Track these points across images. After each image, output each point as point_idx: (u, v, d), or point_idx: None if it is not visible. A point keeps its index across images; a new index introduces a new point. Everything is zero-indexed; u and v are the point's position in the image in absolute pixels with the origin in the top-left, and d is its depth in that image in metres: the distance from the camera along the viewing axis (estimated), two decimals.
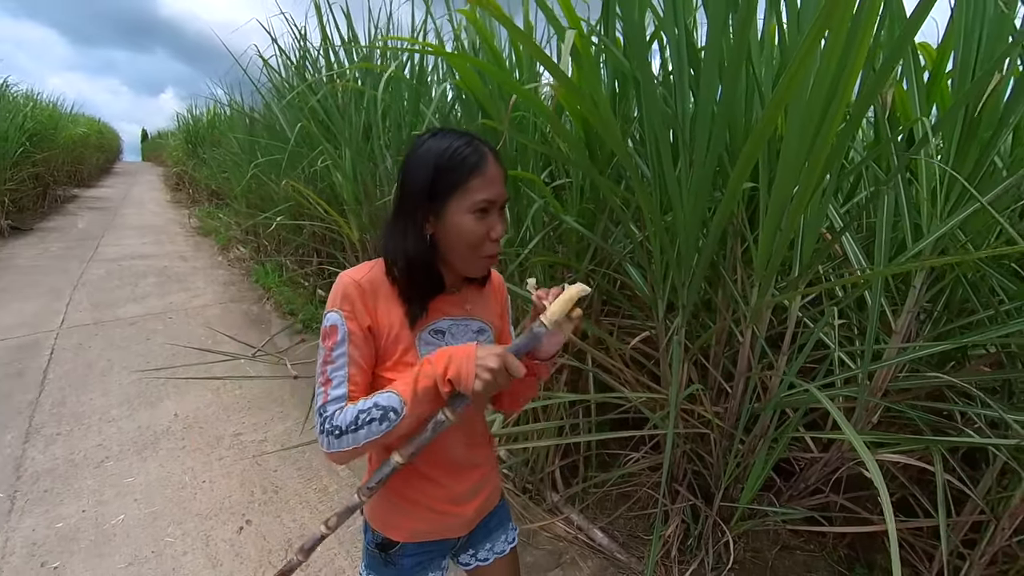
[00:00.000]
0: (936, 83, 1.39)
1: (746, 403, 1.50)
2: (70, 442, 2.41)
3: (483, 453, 0.93)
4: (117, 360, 3.26)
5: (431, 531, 0.88)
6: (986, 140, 1.25)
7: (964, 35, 1.21)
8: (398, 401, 0.71)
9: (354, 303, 0.75)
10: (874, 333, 1.23)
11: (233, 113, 5.58)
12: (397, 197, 0.78)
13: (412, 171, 0.74)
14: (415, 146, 0.76)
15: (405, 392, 0.72)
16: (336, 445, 0.72)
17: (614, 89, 1.67)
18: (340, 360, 0.74)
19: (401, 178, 0.76)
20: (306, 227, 3.77)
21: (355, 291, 0.75)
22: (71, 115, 12.03)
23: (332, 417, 0.73)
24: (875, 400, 1.41)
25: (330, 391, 0.74)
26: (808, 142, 1.01)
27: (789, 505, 1.68)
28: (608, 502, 2.04)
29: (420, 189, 0.73)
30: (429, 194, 0.73)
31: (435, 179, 0.72)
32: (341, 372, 0.74)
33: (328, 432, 0.72)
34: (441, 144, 0.73)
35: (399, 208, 0.77)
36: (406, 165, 0.76)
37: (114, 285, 4.87)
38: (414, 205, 0.75)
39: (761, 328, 1.41)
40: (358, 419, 0.71)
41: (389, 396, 0.72)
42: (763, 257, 1.24)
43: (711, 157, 1.15)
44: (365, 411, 0.71)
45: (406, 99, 2.48)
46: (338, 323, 0.75)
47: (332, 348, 0.74)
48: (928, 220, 1.28)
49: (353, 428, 0.71)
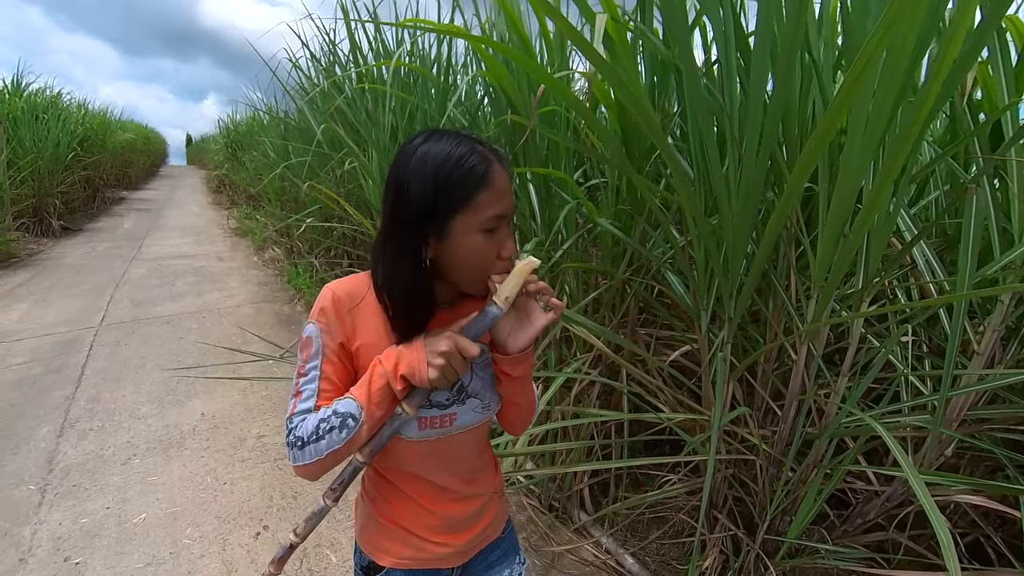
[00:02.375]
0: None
1: (798, 428, 1.34)
2: (101, 438, 2.45)
3: (483, 484, 0.85)
4: (151, 358, 3.33)
5: (419, 559, 0.81)
6: None
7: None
8: (355, 406, 0.67)
9: (329, 317, 0.71)
10: (955, 351, 1.06)
11: (268, 117, 5.69)
12: (388, 215, 0.66)
13: (406, 186, 0.63)
14: (405, 154, 0.65)
15: (360, 396, 0.68)
16: (300, 457, 0.69)
17: (652, 82, 1.55)
18: (312, 373, 0.71)
19: (392, 193, 0.65)
20: (336, 229, 3.77)
21: (331, 304, 0.71)
22: (120, 121, 12.65)
23: (296, 428, 0.69)
24: (950, 432, 1.24)
25: (298, 404, 0.70)
26: (876, 141, 0.87)
27: (842, 542, 1.51)
28: (640, 525, 1.90)
29: (419, 209, 0.63)
30: (430, 214, 0.63)
31: (436, 196, 0.62)
32: (311, 386, 0.71)
33: (292, 444, 0.69)
34: (439, 152, 0.62)
35: (392, 229, 0.66)
36: (397, 177, 0.64)
37: (153, 284, 5.02)
38: (411, 227, 0.64)
39: (818, 345, 1.26)
40: (319, 428, 0.67)
41: (347, 402, 0.68)
42: (822, 267, 1.09)
43: (763, 153, 1.02)
44: (325, 420, 0.67)
45: (433, 97, 2.42)
46: (313, 335, 0.71)
47: (306, 360, 0.71)
48: (1020, 224, 1.11)
49: (314, 438, 0.67)
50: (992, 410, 1.28)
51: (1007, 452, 1.25)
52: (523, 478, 2.00)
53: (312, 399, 0.70)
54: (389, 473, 0.80)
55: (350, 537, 1.88)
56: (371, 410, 0.67)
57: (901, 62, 0.82)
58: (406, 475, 0.79)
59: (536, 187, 1.83)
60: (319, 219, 3.81)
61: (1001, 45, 1.16)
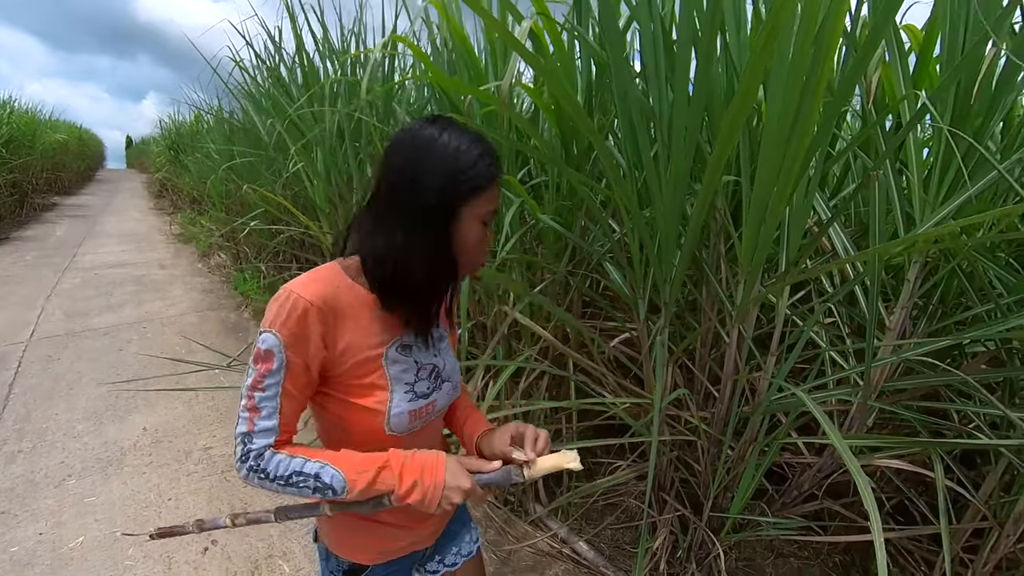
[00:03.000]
0: (924, 67, 1.33)
1: (734, 407, 1.41)
2: (32, 459, 2.29)
3: None
4: (87, 372, 3.14)
5: (400, 547, 0.83)
6: (977, 127, 1.18)
7: (951, 15, 1.14)
8: (341, 485, 0.66)
9: (294, 331, 0.64)
10: (874, 327, 1.15)
11: (211, 118, 5.46)
12: (402, 198, 0.65)
13: (424, 172, 0.63)
14: (417, 140, 0.65)
15: (354, 481, 0.66)
16: (257, 484, 0.66)
17: (590, 81, 1.59)
18: (272, 390, 0.65)
19: (405, 178, 0.65)
20: (282, 232, 3.67)
21: (300, 318, 0.64)
22: (50, 121, 11.80)
23: (262, 457, 0.66)
24: (872, 403, 1.33)
25: (257, 421, 0.66)
26: (789, 124, 0.93)
27: (782, 514, 1.60)
28: (594, 513, 1.95)
29: (437, 194, 0.64)
30: (448, 200, 0.65)
31: (457, 184, 0.64)
32: (272, 403, 0.66)
33: (253, 470, 0.66)
34: (457, 144, 0.64)
35: (409, 212, 0.65)
36: (411, 163, 0.64)
37: (89, 294, 4.72)
38: (434, 210, 0.65)
39: (748, 328, 1.33)
40: (291, 479, 0.66)
41: (333, 475, 0.66)
42: (747, 251, 1.16)
43: (688, 142, 1.07)
44: (303, 476, 0.66)
45: (379, 106, 2.39)
46: (275, 350, 0.64)
47: (265, 375, 0.65)
48: (921, 208, 1.20)
49: (282, 483, 0.66)
50: (906, 381, 1.38)
51: (920, 416, 1.36)
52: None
53: (273, 417, 0.66)
54: None
55: (303, 546, 1.84)
56: (353, 495, 0.67)
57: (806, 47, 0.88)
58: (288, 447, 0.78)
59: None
60: (265, 222, 3.70)
61: (899, 48, 1.26)
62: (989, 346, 1.37)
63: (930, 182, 1.19)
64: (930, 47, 1.29)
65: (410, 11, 2.41)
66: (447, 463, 0.70)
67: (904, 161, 1.29)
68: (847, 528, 1.63)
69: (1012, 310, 1.18)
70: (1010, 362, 1.30)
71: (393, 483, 0.67)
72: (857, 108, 1.68)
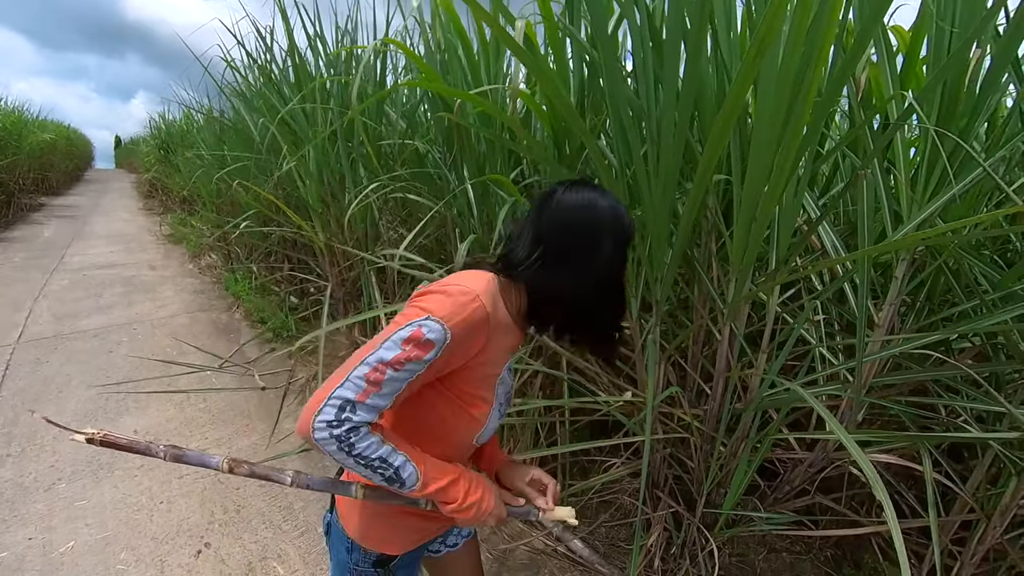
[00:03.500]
0: (911, 67, 1.34)
1: (727, 404, 1.43)
2: (20, 463, 2.26)
3: None
4: (76, 375, 3.10)
5: (425, 535, 0.89)
6: (963, 127, 1.20)
7: (937, 14, 1.16)
8: (413, 483, 0.70)
9: (463, 336, 0.67)
10: (864, 322, 1.16)
11: (202, 117, 5.42)
12: (581, 255, 0.73)
13: (606, 228, 0.73)
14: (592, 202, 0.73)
15: (425, 484, 0.70)
16: (331, 450, 0.64)
17: (582, 81, 1.60)
18: (405, 376, 0.65)
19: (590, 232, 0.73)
20: (275, 232, 3.65)
21: (484, 330, 0.69)
22: (37, 120, 11.62)
23: (357, 432, 0.64)
24: (861, 398, 1.35)
25: (372, 397, 0.64)
26: (780, 124, 0.94)
27: (774, 509, 1.62)
28: (588, 510, 1.95)
29: (620, 246, 0.75)
30: (617, 262, 0.75)
31: (629, 236, 0.76)
32: (396, 386, 0.65)
33: (340, 439, 0.63)
34: (613, 209, 0.74)
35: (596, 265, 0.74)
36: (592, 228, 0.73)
37: (78, 296, 4.66)
38: (618, 261, 0.75)
39: (740, 325, 1.35)
40: (374, 462, 0.66)
41: (412, 472, 0.69)
42: (738, 249, 1.17)
43: (677, 142, 1.07)
44: (386, 465, 0.67)
45: (371, 106, 2.39)
46: (437, 344, 0.64)
47: (409, 359, 0.64)
48: (908, 206, 1.22)
49: (362, 462, 0.66)
50: (895, 376, 1.40)
51: (908, 410, 1.38)
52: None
53: (388, 400, 0.65)
54: None
55: (297, 547, 1.84)
56: (417, 494, 0.71)
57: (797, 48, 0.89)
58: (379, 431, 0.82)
59: (472, 186, 1.84)
60: (257, 222, 3.67)
61: (887, 49, 1.27)
62: (975, 341, 1.39)
63: (917, 181, 1.21)
64: (917, 48, 1.31)
65: (404, 11, 2.40)
66: (494, 492, 0.79)
67: (892, 160, 1.30)
68: (838, 522, 1.65)
69: (997, 306, 1.20)
70: (995, 357, 1.33)
71: (457, 497, 0.72)
72: (845, 108, 1.70)
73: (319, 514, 2.00)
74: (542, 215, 0.74)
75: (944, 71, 1.06)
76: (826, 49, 0.87)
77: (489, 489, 0.77)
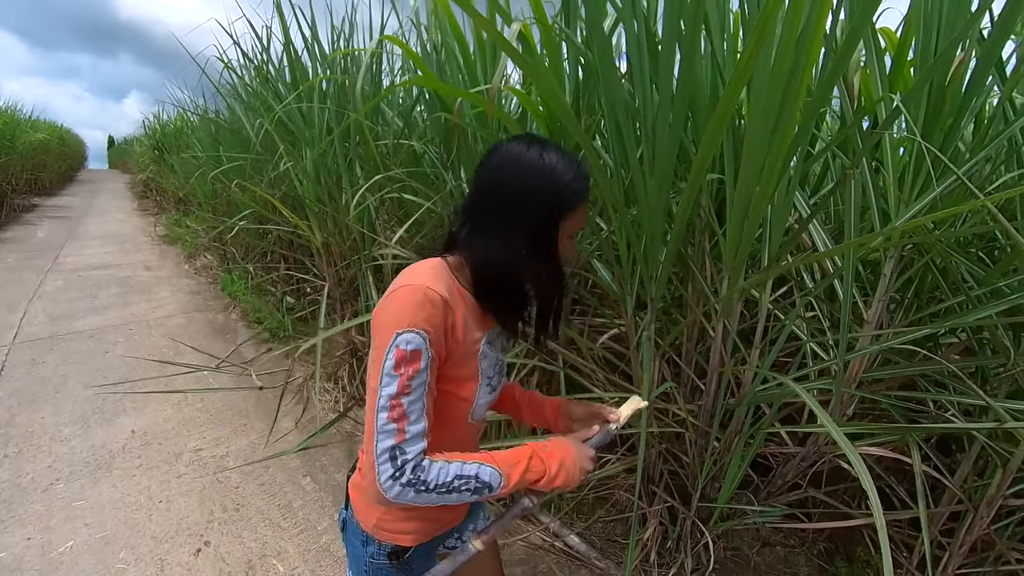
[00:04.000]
0: (899, 69, 1.37)
1: (720, 400, 1.45)
2: (18, 464, 2.26)
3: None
4: (72, 375, 3.10)
5: (440, 527, 0.88)
6: (948, 127, 1.23)
7: (924, 18, 1.19)
8: (498, 481, 0.69)
9: (436, 325, 0.66)
10: (848, 319, 1.19)
11: (197, 117, 5.40)
12: (511, 215, 0.69)
13: (530, 189, 0.68)
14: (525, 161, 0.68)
15: (508, 474, 0.70)
16: (413, 499, 0.65)
17: (577, 82, 1.62)
18: (418, 391, 0.65)
19: (513, 194, 0.69)
20: (271, 232, 3.65)
21: (440, 310, 0.67)
22: (30, 120, 11.52)
23: (422, 468, 0.65)
24: (850, 391, 1.38)
25: (408, 428, 0.64)
26: (771, 125, 0.96)
27: (767, 503, 1.65)
28: (585, 506, 1.98)
29: (547, 212, 0.69)
30: (551, 218, 0.70)
31: (561, 203, 0.69)
32: (419, 404, 0.65)
33: (412, 484, 0.64)
34: (558, 163, 0.68)
35: (520, 230, 0.69)
36: (518, 182, 0.68)
37: (73, 296, 4.65)
38: (541, 228, 0.70)
39: (733, 322, 1.37)
40: (453, 483, 0.66)
41: (491, 473, 0.69)
42: (731, 247, 1.19)
43: (672, 142, 1.10)
44: (465, 479, 0.67)
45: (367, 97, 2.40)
46: (422, 349, 0.64)
47: (412, 377, 0.64)
48: (896, 206, 1.25)
49: (445, 490, 0.66)
50: (884, 371, 1.43)
51: (897, 404, 1.41)
52: None
53: (423, 419, 0.65)
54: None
55: (296, 544, 1.85)
56: (508, 489, 0.70)
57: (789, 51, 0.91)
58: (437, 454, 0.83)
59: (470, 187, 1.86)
60: (253, 223, 3.67)
61: (877, 51, 1.30)
62: (962, 336, 1.42)
63: (904, 180, 1.24)
64: (904, 50, 1.34)
65: (399, 12, 2.42)
66: (570, 441, 0.77)
67: (880, 159, 1.33)
68: (830, 515, 1.68)
69: (982, 301, 1.23)
70: (981, 351, 1.36)
71: (542, 469, 0.71)
72: (835, 108, 1.73)
73: (318, 512, 2.02)
74: (476, 177, 0.73)
75: (930, 73, 1.09)
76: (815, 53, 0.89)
77: (562, 443, 0.76)
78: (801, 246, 1.49)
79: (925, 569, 1.29)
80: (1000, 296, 1.20)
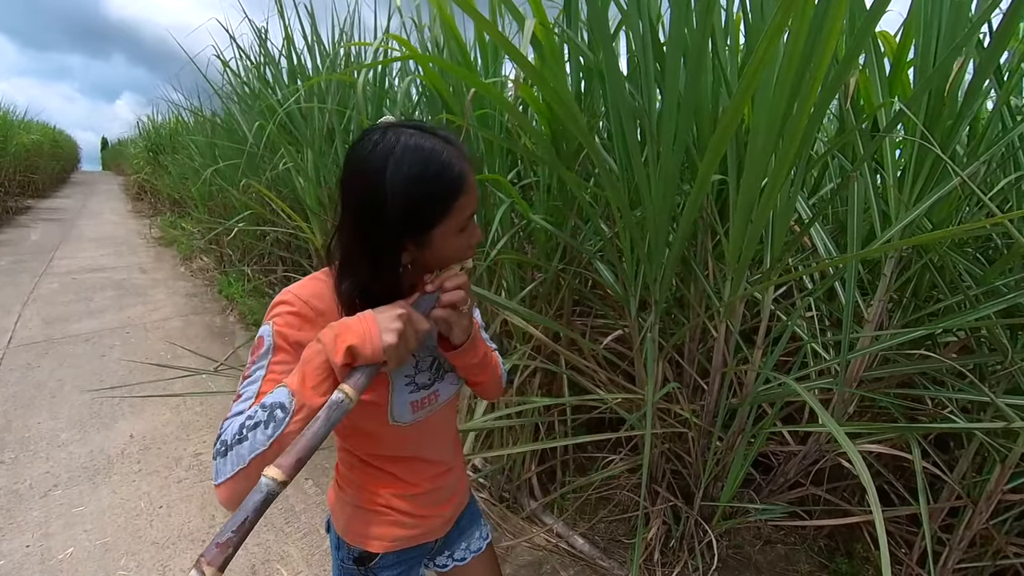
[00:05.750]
0: (898, 73, 1.39)
1: (723, 399, 1.47)
2: (15, 470, 2.24)
3: (460, 450, 0.92)
4: (69, 379, 3.07)
5: (412, 536, 0.83)
6: (947, 129, 1.25)
7: (924, 24, 1.20)
8: (285, 393, 0.57)
9: (288, 318, 0.64)
10: (850, 320, 1.21)
11: (193, 117, 5.38)
12: (360, 220, 0.62)
13: (384, 192, 0.58)
14: (374, 155, 0.59)
15: (293, 381, 0.58)
16: (222, 470, 0.56)
17: (579, 84, 1.63)
18: (257, 374, 0.62)
19: (365, 198, 0.60)
20: (269, 234, 3.64)
21: (295, 307, 0.65)
22: (23, 122, 11.43)
23: (222, 433, 0.58)
24: (851, 390, 1.39)
25: (233, 407, 0.61)
26: (775, 132, 0.97)
27: (769, 500, 1.66)
28: (588, 507, 1.99)
29: (400, 217, 0.59)
30: (411, 223, 0.60)
31: (420, 207, 0.60)
32: (253, 387, 0.62)
33: (216, 454, 0.58)
34: (414, 156, 0.58)
35: (364, 237, 0.62)
36: (370, 182, 0.59)
37: (68, 299, 4.61)
38: (390, 234, 0.61)
39: (735, 323, 1.39)
40: (242, 428, 0.56)
41: (277, 391, 0.58)
42: (734, 250, 1.20)
43: (678, 147, 1.11)
44: (251, 416, 0.57)
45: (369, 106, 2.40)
46: (265, 334, 0.63)
47: (253, 362, 0.63)
48: (896, 208, 1.27)
49: (237, 439, 0.56)
50: (884, 370, 1.45)
51: (897, 402, 1.43)
52: (472, 472, 2.04)
53: (250, 400, 0.60)
54: (376, 460, 0.79)
55: (300, 548, 1.85)
56: (304, 395, 0.57)
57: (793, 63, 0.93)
58: (395, 458, 0.79)
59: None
60: (250, 224, 3.66)
61: (876, 55, 1.32)
62: (960, 335, 1.44)
63: (904, 182, 1.25)
64: (904, 54, 1.36)
65: (403, 11, 2.42)
66: (381, 310, 0.61)
67: (880, 162, 1.35)
68: (831, 513, 1.70)
69: (980, 300, 1.25)
70: (979, 350, 1.38)
71: (322, 347, 0.58)
72: (833, 108, 1.75)
73: (321, 516, 2.02)
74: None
75: (931, 80, 1.10)
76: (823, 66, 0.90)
77: (363, 315, 0.60)
78: (802, 247, 1.51)
79: (926, 564, 1.31)
80: (997, 295, 1.22)
